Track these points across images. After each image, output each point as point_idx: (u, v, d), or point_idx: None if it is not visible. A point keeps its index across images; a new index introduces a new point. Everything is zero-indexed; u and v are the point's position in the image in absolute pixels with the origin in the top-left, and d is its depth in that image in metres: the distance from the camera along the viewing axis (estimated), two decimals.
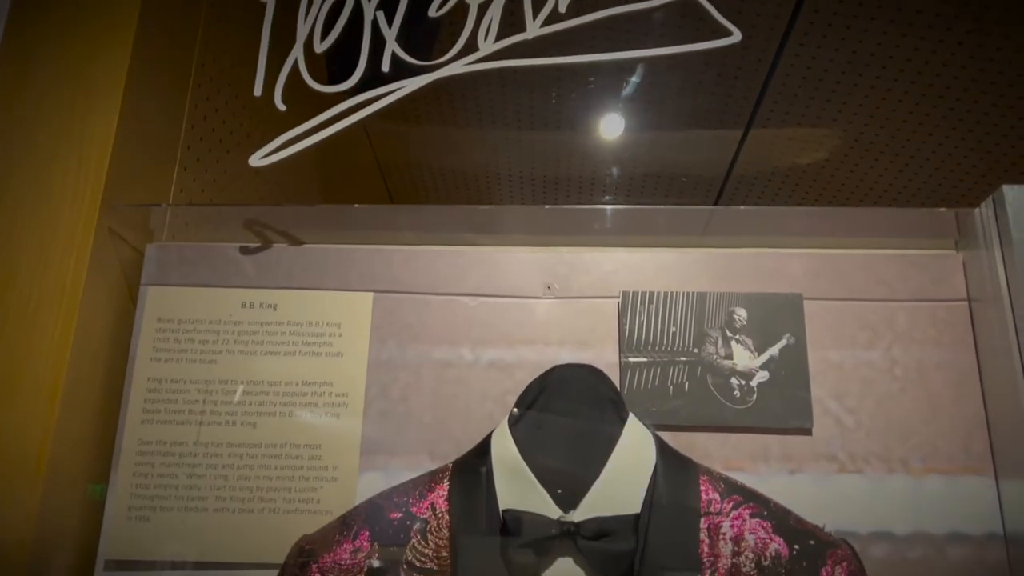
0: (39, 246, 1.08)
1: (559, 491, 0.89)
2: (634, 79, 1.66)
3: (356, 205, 1.13)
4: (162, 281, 1.15)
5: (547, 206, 1.14)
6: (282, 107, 1.10)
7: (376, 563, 0.89)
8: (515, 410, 0.95)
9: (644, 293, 1.12)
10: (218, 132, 1.41)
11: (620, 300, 1.13)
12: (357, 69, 1.08)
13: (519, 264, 1.17)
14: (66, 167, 1.11)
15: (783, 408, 1.07)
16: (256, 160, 1.05)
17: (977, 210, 1.09)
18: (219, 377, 1.09)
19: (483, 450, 0.94)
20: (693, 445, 1.05)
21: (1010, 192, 1.03)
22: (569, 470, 0.90)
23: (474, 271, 1.16)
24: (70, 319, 1.05)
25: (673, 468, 0.93)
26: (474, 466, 0.94)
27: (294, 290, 1.14)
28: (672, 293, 1.12)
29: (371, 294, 1.14)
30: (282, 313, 1.12)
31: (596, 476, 0.89)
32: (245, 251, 1.16)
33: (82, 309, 1.06)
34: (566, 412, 0.95)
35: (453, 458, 0.99)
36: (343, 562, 0.89)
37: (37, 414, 1.02)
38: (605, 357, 1.11)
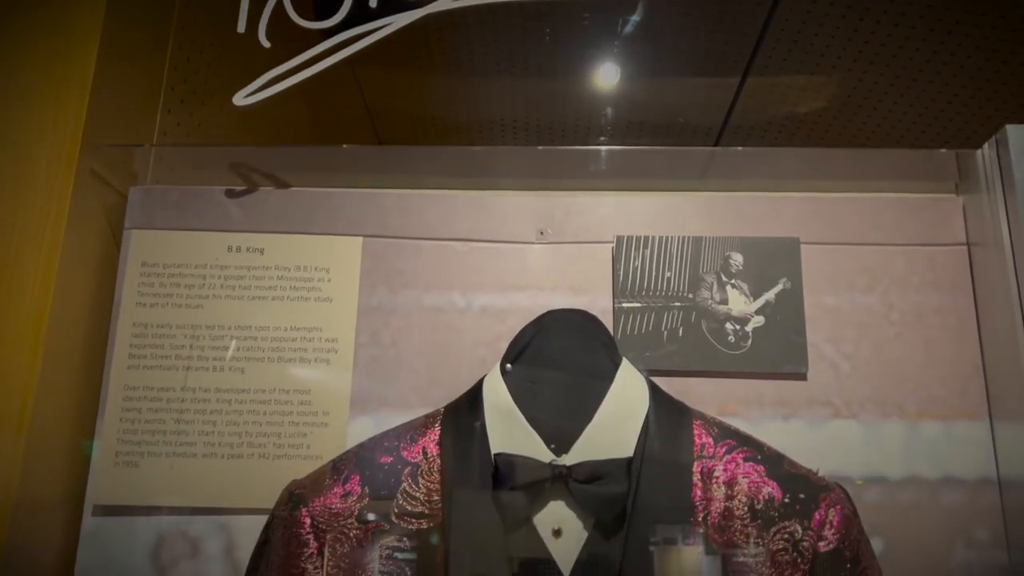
0: (18, 189, 1.05)
1: (551, 435, 0.88)
2: (633, 17, 1.62)
3: (344, 146, 1.10)
4: (146, 225, 1.13)
5: (540, 147, 1.11)
6: (266, 44, 1.07)
7: (366, 507, 0.88)
8: (507, 355, 0.94)
9: (639, 238, 1.10)
10: (203, 74, 1.38)
11: (614, 245, 1.11)
12: (343, 4, 1.05)
13: (511, 208, 1.15)
14: (44, 108, 1.08)
15: (778, 353, 1.06)
16: (240, 99, 1.02)
17: (979, 151, 1.06)
18: (206, 322, 1.07)
19: (475, 395, 0.93)
20: (687, 390, 1.04)
21: (1014, 132, 1.00)
22: (561, 414, 0.89)
23: (466, 216, 1.14)
24: (51, 264, 1.03)
25: (666, 412, 0.92)
26: (466, 411, 0.93)
27: (282, 234, 1.12)
28: (667, 238, 1.10)
29: (360, 239, 1.12)
30: (269, 257, 1.10)
31: (588, 420, 0.88)
32: (231, 194, 1.14)
33: (64, 254, 1.04)
34: (559, 357, 0.94)
35: (444, 404, 0.98)
36: (333, 506, 0.88)
37: (20, 360, 1.00)
38: (598, 303, 1.10)
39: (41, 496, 1.01)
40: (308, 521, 0.88)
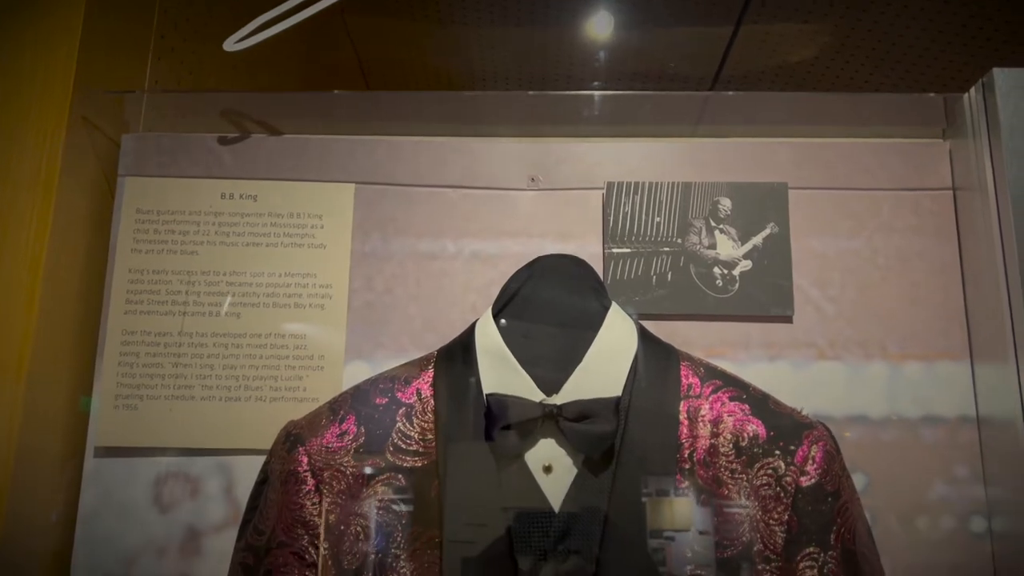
0: (10, 136, 1.06)
1: (542, 376, 0.90)
2: None
3: (335, 91, 1.11)
4: (139, 172, 1.14)
5: (531, 92, 1.11)
6: None
7: (362, 446, 0.90)
8: (499, 300, 0.96)
9: (629, 183, 1.11)
10: (193, 22, 1.37)
11: (604, 191, 1.12)
12: None
13: (503, 155, 1.16)
14: (35, 55, 1.08)
15: (765, 296, 1.08)
16: (231, 44, 1.02)
17: (966, 95, 1.07)
18: (201, 268, 1.09)
19: (467, 338, 0.95)
20: (675, 333, 1.06)
21: (1000, 75, 1.01)
22: (552, 356, 0.91)
23: (457, 162, 1.15)
24: (46, 211, 1.04)
25: (654, 354, 0.94)
26: (459, 353, 0.95)
27: (274, 181, 1.13)
28: (657, 184, 1.11)
29: (352, 185, 1.14)
30: (263, 204, 1.11)
31: (578, 362, 0.90)
32: (223, 141, 1.15)
33: (59, 201, 1.05)
34: (549, 301, 0.95)
35: (437, 347, 1.00)
36: (330, 445, 0.91)
37: (19, 306, 1.02)
38: (589, 248, 1.11)
39: (43, 438, 1.03)
40: (305, 460, 0.90)
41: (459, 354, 0.95)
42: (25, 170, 1.05)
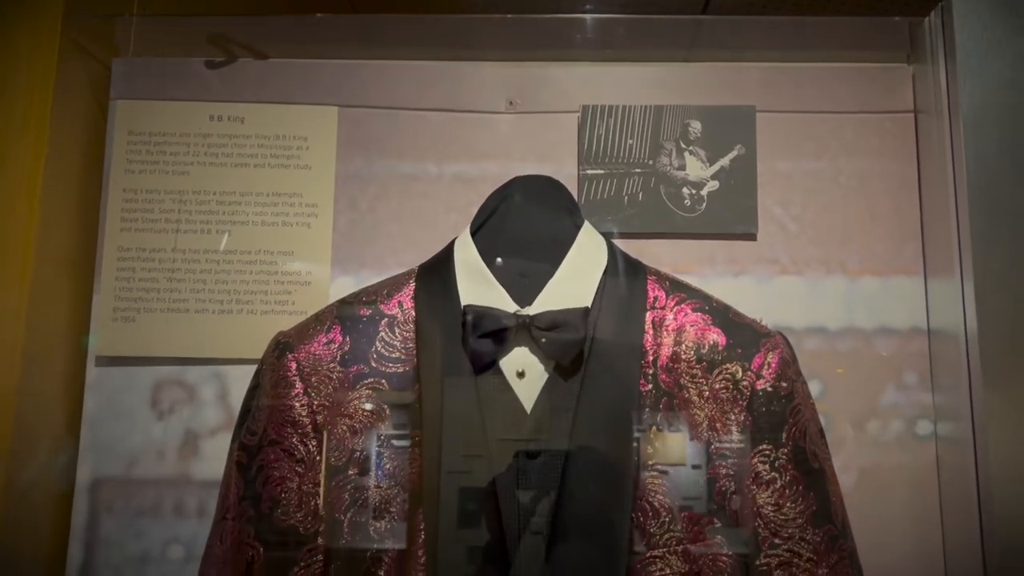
0: (3, 61, 1.09)
1: (516, 289, 0.95)
2: None
3: (319, 15, 1.14)
4: (131, 95, 1.18)
5: (510, 15, 1.14)
6: None
7: (348, 353, 0.96)
8: (477, 218, 1.00)
9: (603, 107, 1.16)
10: None
11: (580, 114, 1.16)
12: None
13: (482, 79, 1.19)
14: None
15: (731, 215, 1.13)
16: None
17: (926, 19, 1.11)
18: (192, 188, 1.14)
19: (446, 255, 1.00)
20: (645, 251, 1.11)
21: (959, 1, 1.05)
22: (526, 270, 0.96)
23: (438, 86, 1.19)
24: (42, 134, 1.09)
25: (622, 269, 0.99)
26: (438, 268, 1.00)
27: (261, 104, 1.17)
28: (630, 107, 1.16)
29: (336, 108, 1.18)
30: (250, 126, 1.16)
31: (551, 276, 0.95)
32: (211, 65, 1.18)
33: (53, 124, 1.09)
34: (524, 218, 1.00)
35: (419, 264, 1.05)
36: (317, 352, 0.96)
37: (18, 226, 1.07)
38: (564, 170, 1.16)
39: (47, 348, 1.10)
40: (294, 365, 0.96)
41: (439, 269, 1.00)
42: (19, 94, 1.09)
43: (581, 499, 0.89)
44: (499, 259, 0.96)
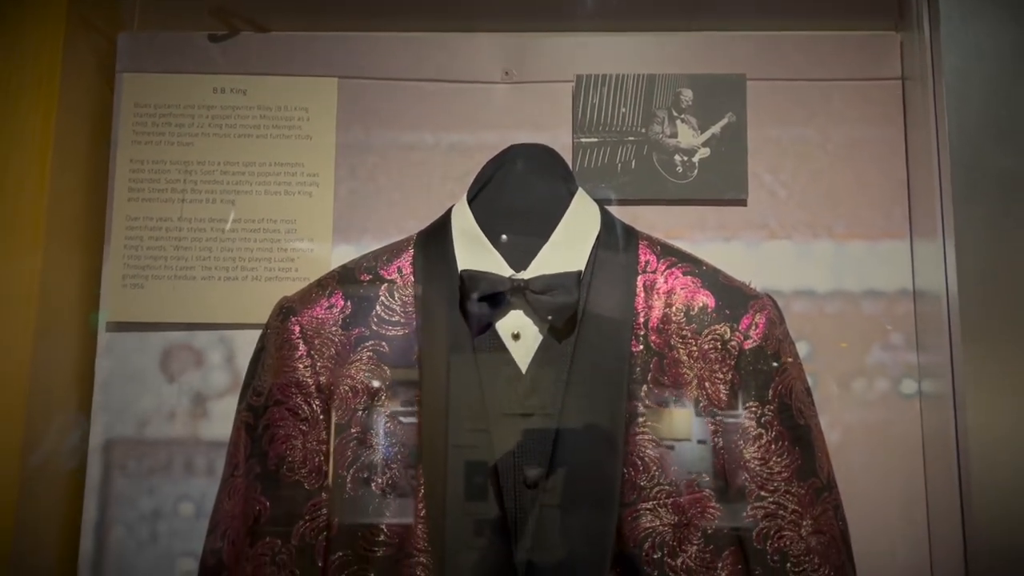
0: (14, 34, 1.12)
1: (511, 254, 0.98)
2: None
3: None
4: (137, 68, 1.21)
5: None
6: None
7: (349, 316, 1.00)
8: (473, 185, 1.03)
9: (597, 76, 1.18)
10: None
11: (574, 83, 1.19)
12: None
13: (478, 49, 1.22)
14: None
15: (721, 182, 1.16)
16: None
17: None
18: (197, 158, 1.18)
19: (444, 221, 1.03)
20: (638, 217, 1.14)
21: None
22: (521, 236, 0.99)
23: (435, 57, 1.22)
24: (51, 107, 1.11)
25: (615, 234, 1.02)
26: (436, 235, 1.03)
27: (262, 76, 1.21)
28: (623, 76, 1.18)
29: (335, 80, 1.21)
30: (252, 98, 1.19)
31: (545, 241, 0.98)
32: (214, 39, 1.21)
33: (62, 97, 1.12)
34: (519, 186, 1.03)
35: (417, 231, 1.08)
36: (319, 316, 1.00)
37: (30, 197, 1.10)
38: (560, 139, 1.19)
39: (60, 315, 1.14)
40: (297, 329, 1.00)
41: (436, 235, 1.03)
42: (28, 69, 1.11)
43: (574, 454, 0.92)
44: (499, 230, 0.99)
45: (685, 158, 1.16)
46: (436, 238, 1.03)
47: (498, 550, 0.92)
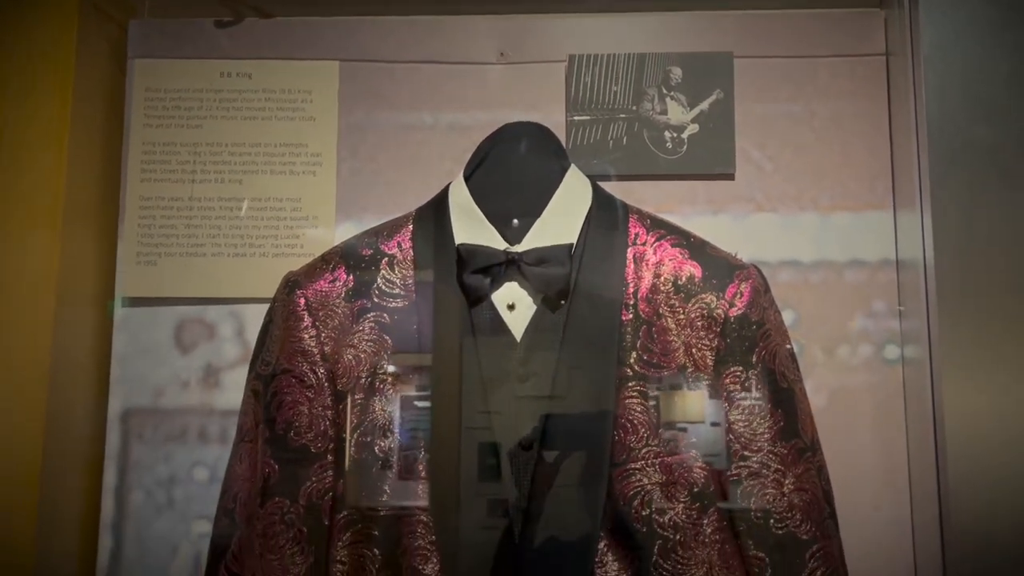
0: (29, 22, 1.16)
1: (506, 228, 1.02)
2: None
3: None
4: (147, 54, 1.26)
5: None
6: None
7: (351, 289, 1.05)
8: (470, 163, 1.07)
9: (589, 56, 1.22)
10: None
11: (567, 63, 1.23)
12: None
13: (474, 31, 1.26)
14: None
15: (710, 157, 1.20)
16: None
17: None
18: (206, 140, 1.23)
19: (441, 198, 1.07)
20: (629, 192, 1.18)
21: None
22: (515, 210, 1.03)
23: (433, 39, 1.26)
24: (66, 92, 1.16)
25: (606, 208, 1.06)
26: (434, 211, 1.07)
27: (267, 60, 1.26)
28: (614, 55, 1.22)
29: (337, 63, 1.26)
30: (257, 81, 1.25)
31: (539, 215, 1.02)
32: (220, 25, 1.26)
33: (76, 84, 1.17)
34: (514, 162, 1.07)
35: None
36: (323, 289, 1.05)
37: (47, 179, 1.15)
38: (553, 117, 1.23)
39: (78, 292, 1.19)
40: (302, 301, 1.04)
41: (434, 211, 1.07)
42: (43, 56, 1.16)
43: (567, 417, 0.97)
44: (495, 205, 1.03)
45: (674, 134, 1.20)
46: (434, 214, 1.07)
47: (494, 509, 0.97)
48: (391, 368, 1.00)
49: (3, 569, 1.07)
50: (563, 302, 1.00)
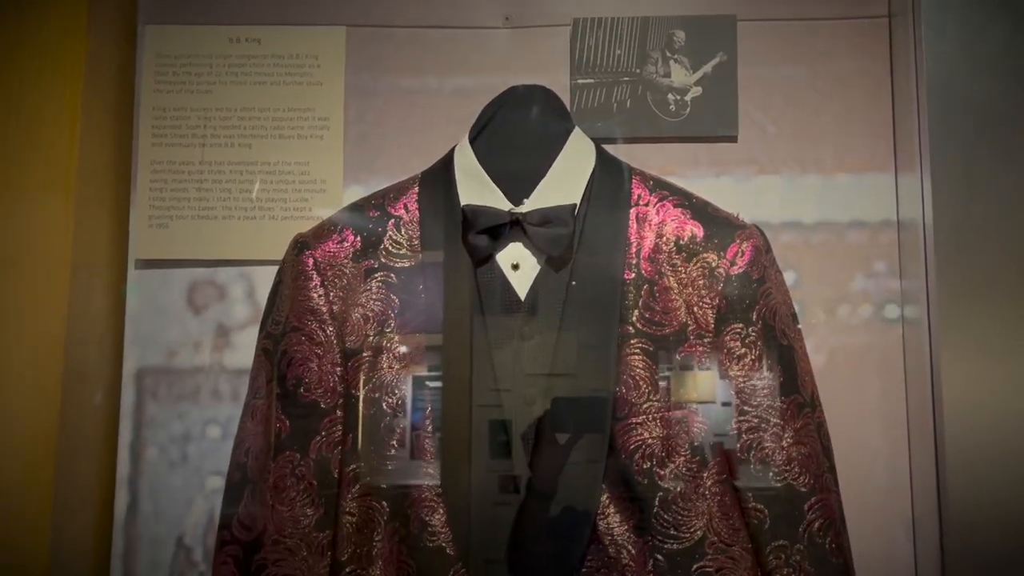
0: None
1: (510, 189, 1.03)
2: None
3: None
4: (158, 21, 1.28)
5: None
6: None
7: (359, 250, 1.07)
8: (475, 125, 1.08)
9: (593, 19, 1.23)
10: None
11: (571, 27, 1.24)
12: None
13: None
14: None
15: (713, 119, 1.22)
16: None
17: None
18: (215, 105, 1.26)
19: (447, 160, 1.09)
20: (633, 155, 1.18)
21: None
22: (519, 172, 1.05)
23: (438, 4, 1.28)
24: (79, 58, 1.18)
25: (609, 170, 1.07)
26: (440, 173, 1.09)
27: (275, 26, 1.27)
28: (618, 19, 1.23)
29: (344, 28, 1.27)
30: (266, 47, 1.26)
31: (543, 176, 1.03)
32: None
33: (89, 51, 1.19)
34: (518, 125, 1.08)
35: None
36: (331, 250, 1.07)
37: (61, 143, 1.17)
38: (558, 80, 1.23)
39: (92, 253, 1.22)
40: (311, 261, 1.06)
41: (440, 173, 1.09)
42: (55, 23, 1.18)
43: (570, 374, 0.99)
44: (499, 167, 1.05)
45: (678, 97, 1.21)
46: (440, 176, 1.08)
47: (500, 461, 0.99)
48: (398, 326, 1.02)
49: (24, 521, 1.11)
50: (567, 262, 1.01)
